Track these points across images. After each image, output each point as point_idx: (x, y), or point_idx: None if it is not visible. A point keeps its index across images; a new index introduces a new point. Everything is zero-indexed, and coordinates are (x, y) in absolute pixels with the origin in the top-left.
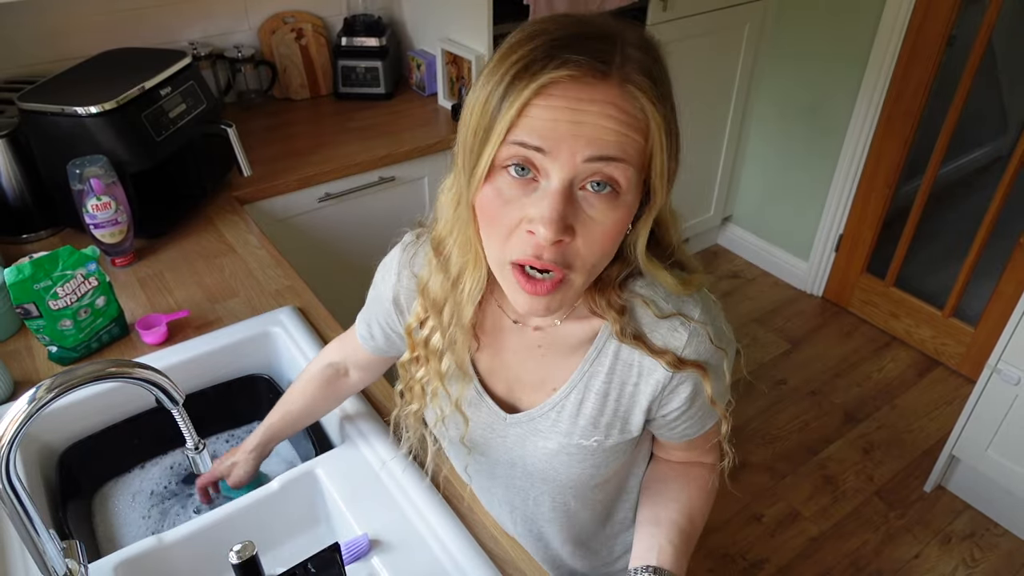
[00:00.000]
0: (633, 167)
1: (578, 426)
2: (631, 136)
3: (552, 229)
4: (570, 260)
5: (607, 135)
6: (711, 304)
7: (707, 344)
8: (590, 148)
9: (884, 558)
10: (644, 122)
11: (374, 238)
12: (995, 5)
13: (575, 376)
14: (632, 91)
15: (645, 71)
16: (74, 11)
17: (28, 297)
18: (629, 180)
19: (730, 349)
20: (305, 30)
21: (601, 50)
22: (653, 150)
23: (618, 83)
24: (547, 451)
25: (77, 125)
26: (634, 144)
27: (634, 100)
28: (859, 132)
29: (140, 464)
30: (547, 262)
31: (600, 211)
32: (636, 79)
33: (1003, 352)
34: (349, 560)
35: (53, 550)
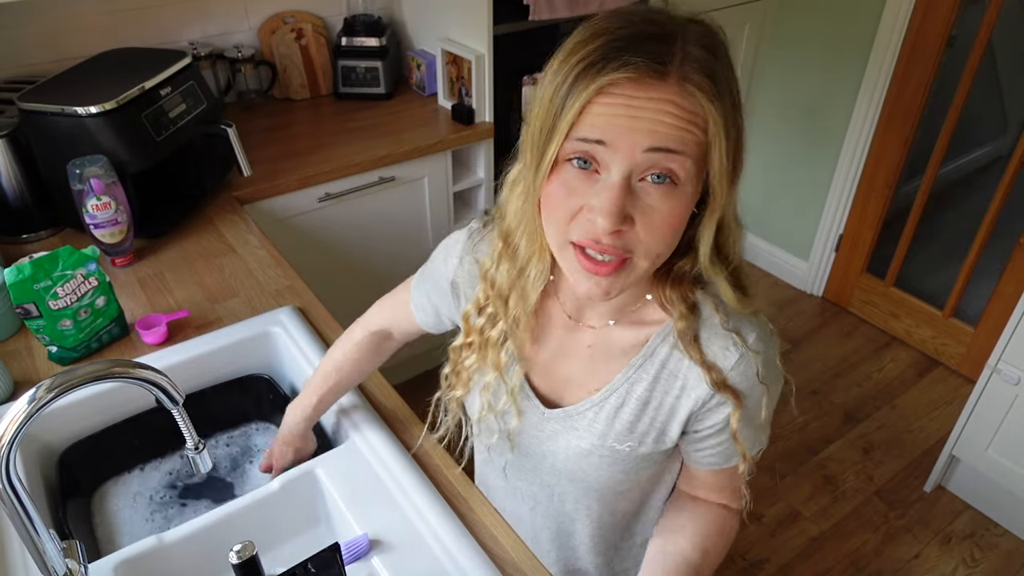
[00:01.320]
0: (691, 159)
1: (614, 429)
2: (689, 131)
3: (610, 220)
4: (631, 247)
5: (665, 128)
6: (768, 333)
7: (752, 374)
8: (648, 140)
9: (884, 558)
10: (702, 118)
11: (374, 238)
12: (995, 5)
13: (619, 379)
14: (690, 89)
15: (705, 69)
16: (74, 11)
17: (28, 297)
18: (687, 172)
19: (774, 386)
20: (305, 30)
21: (659, 51)
22: (711, 145)
23: (676, 82)
24: (579, 450)
25: (77, 125)
26: (692, 138)
27: (692, 98)
28: (859, 132)
29: (140, 464)
30: (606, 246)
31: (658, 200)
32: (694, 78)
33: (1003, 352)
34: (349, 560)
35: (53, 550)
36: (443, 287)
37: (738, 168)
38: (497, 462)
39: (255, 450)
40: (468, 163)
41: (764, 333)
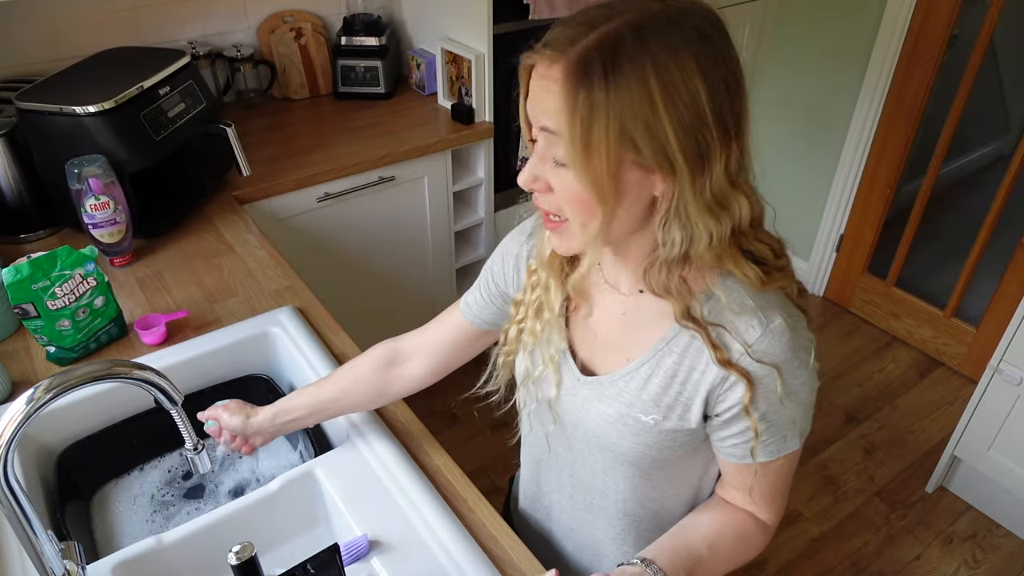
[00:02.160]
0: (569, 140)
1: (640, 399)
2: (565, 112)
3: (521, 178)
4: (557, 208)
5: (546, 106)
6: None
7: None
8: (537, 117)
9: (885, 559)
10: (579, 98)
11: (374, 238)
12: (996, 5)
13: (649, 351)
14: (570, 71)
15: (583, 54)
16: (73, 10)
17: (26, 297)
18: (568, 151)
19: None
20: (304, 29)
21: (568, 35)
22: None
23: (562, 63)
24: (607, 417)
25: (75, 125)
26: (569, 119)
27: (569, 80)
28: (860, 132)
29: (139, 465)
30: (540, 203)
31: (561, 174)
32: (570, 60)
33: (1005, 352)
34: (349, 561)
35: (51, 551)
36: (509, 262)
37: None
38: (539, 432)
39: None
40: (468, 163)
41: (790, 314)
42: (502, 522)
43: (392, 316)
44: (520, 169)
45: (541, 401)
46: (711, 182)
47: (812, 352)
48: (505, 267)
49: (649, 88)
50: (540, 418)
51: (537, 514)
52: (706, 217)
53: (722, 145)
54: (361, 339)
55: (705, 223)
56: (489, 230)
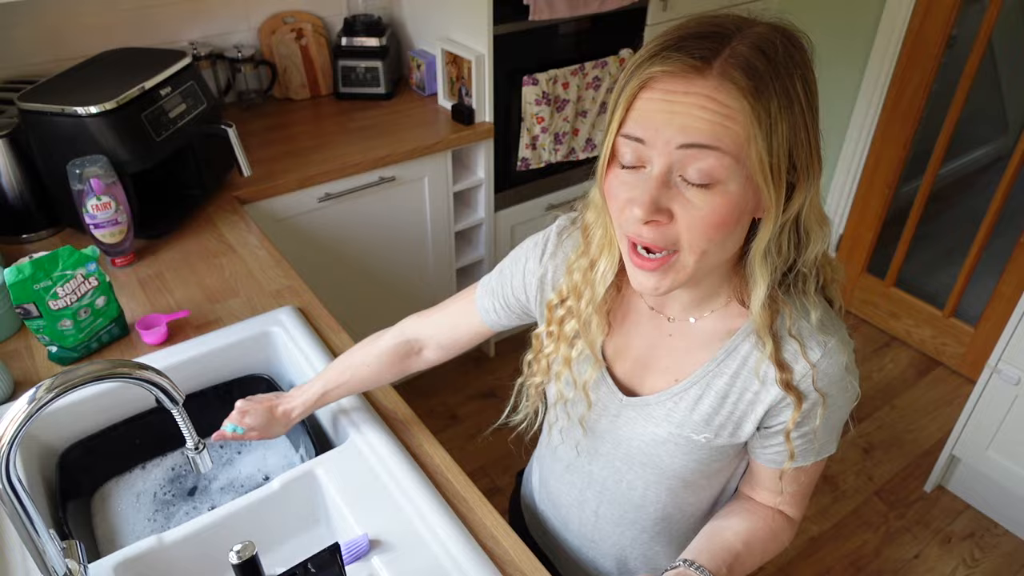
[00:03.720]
0: (730, 156)
1: (691, 420)
2: (726, 126)
3: (643, 210)
4: (673, 241)
5: (699, 123)
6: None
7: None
8: (682, 135)
9: (884, 558)
10: (738, 112)
11: (374, 238)
12: (995, 5)
13: (700, 371)
14: (727, 85)
15: (746, 66)
16: (74, 11)
17: (28, 297)
18: (725, 168)
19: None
20: (305, 30)
21: (705, 47)
22: (747, 141)
23: (715, 77)
24: (656, 437)
25: (77, 125)
26: (729, 134)
27: (727, 93)
28: (859, 132)
29: (140, 464)
30: (648, 241)
31: (697, 196)
32: (733, 73)
33: (1003, 352)
34: (349, 560)
35: (53, 550)
36: (528, 280)
37: (797, 169)
38: (568, 443)
39: (256, 450)
40: (468, 163)
41: (843, 340)
42: (502, 522)
43: (392, 316)
44: (522, 169)
45: (574, 418)
46: (816, 193)
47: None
48: (527, 286)
49: (801, 99)
50: (572, 435)
51: (553, 522)
52: (818, 225)
53: (819, 159)
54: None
55: (817, 231)
56: (489, 230)
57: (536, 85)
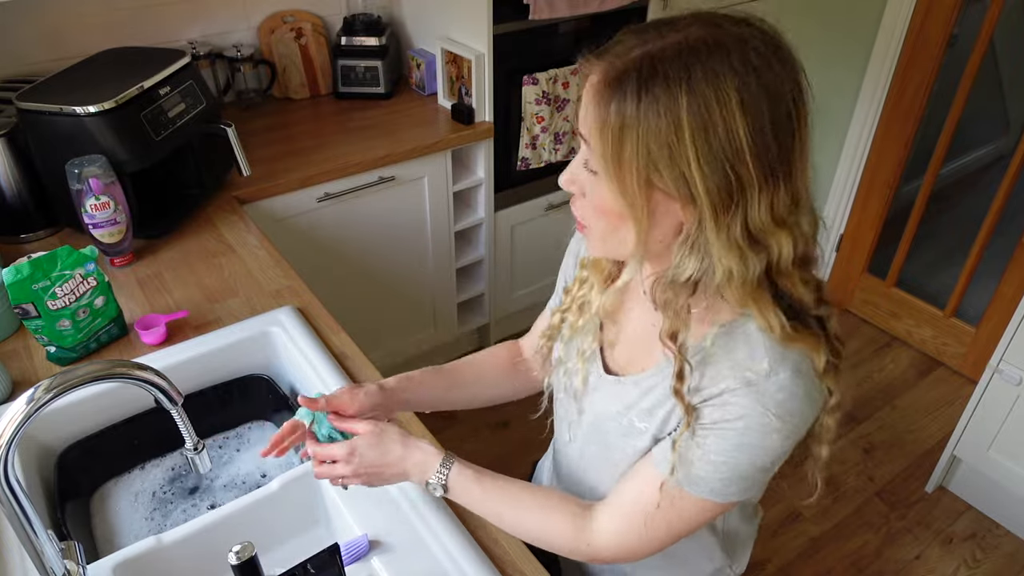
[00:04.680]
0: (597, 152)
1: (639, 406)
2: (595, 124)
3: (561, 179)
4: (581, 215)
5: (582, 113)
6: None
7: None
8: (577, 122)
9: (885, 559)
10: (605, 110)
11: (374, 238)
12: (996, 5)
13: (660, 364)
14: (597, 84)
15: (620, 69)
16: (73, 10)
17: (26, 297)
18: (598, 161)
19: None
20: (304, 29)
21: (621, 48)
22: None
23: (598, 75)
24: (607, 413)
25: (76, 125)
26: (599, 131)
27: (596, 93)
28: (860, 132)
29: (139, 465)
30: (573, 208)
31: (591, 182)
32: (606, 74)
33: (1004, 352)
34: (349, 561)
35: (51, 551)
36: (569, 262)
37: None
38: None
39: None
40: (468, 163)
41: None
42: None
43: (392, 316)
44: (522, 168)
45: (568, 391)
46: (745, 220)
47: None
48: (567, 265)
49: (679, 115)
50: (565, 407)
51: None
52: (728, 254)
53: (764, 182)
54: (361, 339)
55: (726, 260)
56: (489, 230)
57: (536, 85)
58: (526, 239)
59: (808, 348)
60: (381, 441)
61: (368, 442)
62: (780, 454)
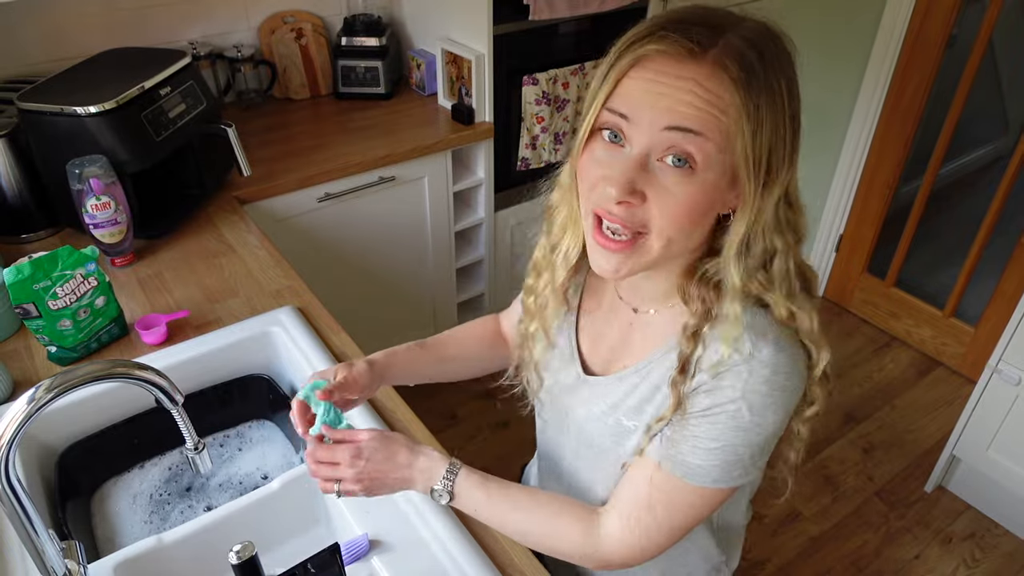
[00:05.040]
0: (712, 143)
1: (625, 404)
2: (712, 114)
3: (618, 189)
4: (643, 222)
5: (687, 108)
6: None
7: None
8: (667, 117)
9: (884, 558)
10: (728, 103)
11: (374, 238)
12: (996, 5)
13: (644, 361)
14: (719, 74)
15: (741, 59)
16: (74, 11)
17: (27, 297)
18: (707, 156)
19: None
20: (305, 30)
21: (701, 33)
22: (735, 134)
23: (709, 64)
24: (592, 414)
25: (76, 125)
26: (715, 123)
27: (719, 81)
28: (859, 132)
29: (140, 464)
30: (617, 218)
31: (674, 182)
32: (727, 63)
33: (1004, 352)
34: (349, 560)
35: (52, 550)
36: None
37: (772, 168)
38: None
39: (255, 449)
40: (468, 163)
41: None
42: None
43: (392, 316)
44: (522, 168)
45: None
46: (788, 191)
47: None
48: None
49: (784, 99)
50: (549, 411)
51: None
52: (776, 232)
53: (793, 161)
54: (361, 339)
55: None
56: (489, 230)
57: (536, 85)
58: (526, 239)
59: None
60: (388, 445)
61: (375, 445)
62: (775, 431)
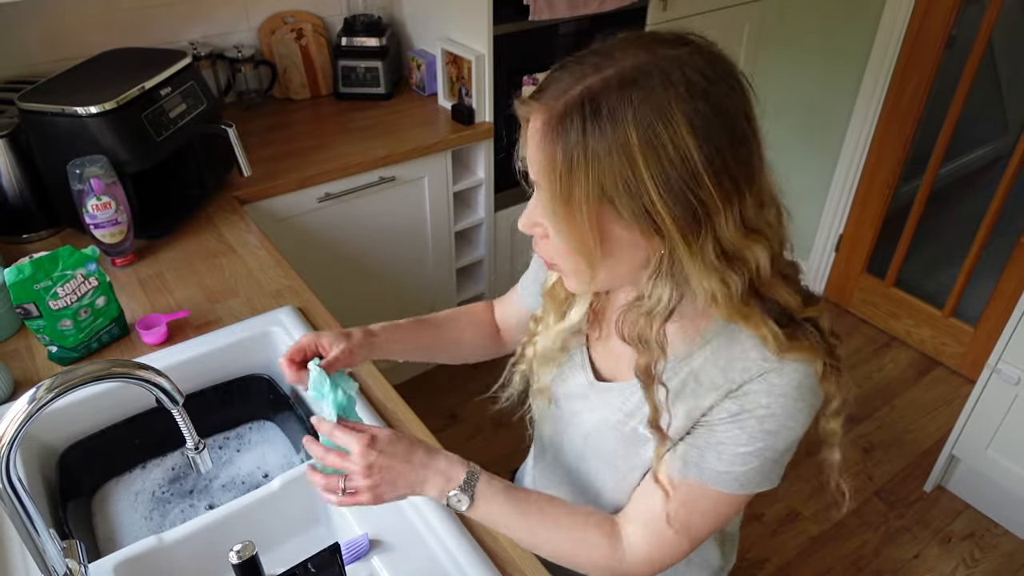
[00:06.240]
0: (547, 190)
1: (641, 411)
2: (541, 159)
3: (520, 224)
4: (550, 255)
5: (531, 155)
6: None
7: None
8: (528, 165)
9: (884, 558)
10: (552, 154)
11: (374, 238)
12: (995, 5)
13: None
14: (540, 127)
15: (560, 111)
16: (74, 11)
17: (28, 297)
18: (552, 200)
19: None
20: (305, 30)
21: (558, 87)
22: (551, 189)
23: (539, 118)
24: (605, 423)
25: (77, 125)
26: (548, 167)
27: (539, 137)
28: (859, 132)
29: (140, 464)
30: (540, 253)
31: (551, 225)
32: (547, 116)
33: (1003, 352)
34: (349, 560)
35: (53, 550)
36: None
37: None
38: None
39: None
40: (468, 163)
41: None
42: None
43: (392, 316)
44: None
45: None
46: (716, 240)
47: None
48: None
49: (629, 146)
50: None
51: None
52: (707, 276)
53: (728, 200)
54: None
55: (706, 282)
56: (489, 230)
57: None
58: (526, 239)
59: (805, 357)
60: (405, 441)
61: (391, 438)
62: (799, 436)
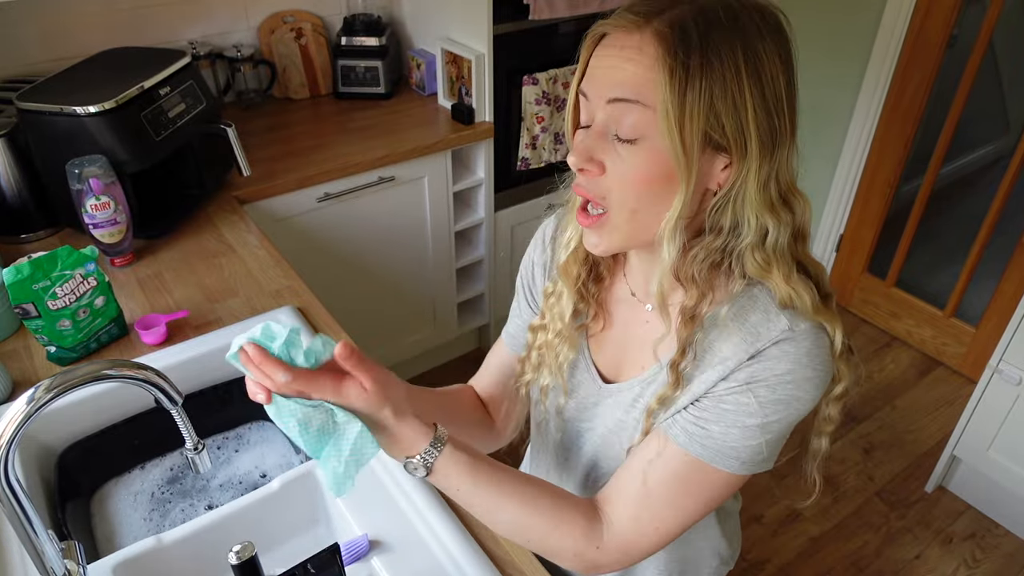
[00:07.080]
0: (652, 109)
1: (648, 393)
2: (650, 79)
3: (576, 157)
4: (603, 193)
5: (625, 76)
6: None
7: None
8: (611, 90)
9: (885, 558)
10: (660, 64)
11: (374, 238)
12: (996, 5)
13: (667, 357)
14: (654, 39)
15: (677, 22)
16: (74, 10)
17: (27, 297)
18: (651, 125)
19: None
20: (304, 29)
21: (652, 7)
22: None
23: (649, 32)
24: (622, 424)
25: (76, 125)
26: (653, 87)
27: (654, 45)
28: (860, 132)
29: (139, 464)
30: (582, 188)
31: (626, 152)
32: (661, 28)
33: (1004, 352)
34: (349, 560)
35: (52, 551)
36: (536, 272)
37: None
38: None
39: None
40: (468, 163)
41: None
42: None
43: (392, 316)
44: (522, 168)
45: (551, 410)
46: (778, 172)
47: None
48: (535, 277)
49: (738, 65)
50: (553, 428)
51: None
52: (765, 210)
53: (791, 139)
54: (361, 339)
55: (761, 216)
56: (489, 230)
57: (536, 85)
58: (526, 239)
59: (833, 320)
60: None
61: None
62: (805, 412)
